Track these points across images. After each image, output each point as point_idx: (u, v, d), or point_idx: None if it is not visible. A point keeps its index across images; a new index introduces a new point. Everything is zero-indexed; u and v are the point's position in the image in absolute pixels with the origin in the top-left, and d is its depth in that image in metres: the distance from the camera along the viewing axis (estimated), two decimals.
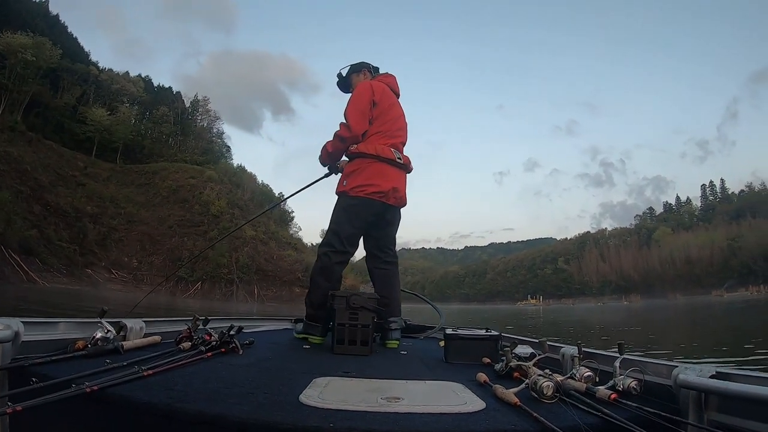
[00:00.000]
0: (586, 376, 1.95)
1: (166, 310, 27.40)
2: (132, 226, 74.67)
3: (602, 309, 77.55)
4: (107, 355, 2.07)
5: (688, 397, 1.65)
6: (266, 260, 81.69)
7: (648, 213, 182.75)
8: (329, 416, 1.44)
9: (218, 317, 3.86)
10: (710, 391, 1.57)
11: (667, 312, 43.09)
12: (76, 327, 2.31)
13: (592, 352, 2.34)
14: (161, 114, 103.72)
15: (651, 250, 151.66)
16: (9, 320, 1.81)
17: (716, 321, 29.29)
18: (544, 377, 1.81)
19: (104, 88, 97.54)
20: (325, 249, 3.92)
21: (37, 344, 1.98)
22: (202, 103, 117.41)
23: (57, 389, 1.41)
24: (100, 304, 11.30)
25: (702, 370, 1.66)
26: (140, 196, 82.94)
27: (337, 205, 4.01)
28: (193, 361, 2.20)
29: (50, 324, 2.18)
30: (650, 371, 1.93)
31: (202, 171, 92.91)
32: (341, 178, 4.04)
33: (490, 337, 3.01)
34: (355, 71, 4.44)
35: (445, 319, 5.22)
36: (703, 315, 34.71)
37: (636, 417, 1.52)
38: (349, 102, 4.00)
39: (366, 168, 3.94)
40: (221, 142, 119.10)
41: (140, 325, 2.64)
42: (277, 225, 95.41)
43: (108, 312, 2.38)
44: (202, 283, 73.28)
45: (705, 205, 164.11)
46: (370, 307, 3.30)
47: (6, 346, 1.74)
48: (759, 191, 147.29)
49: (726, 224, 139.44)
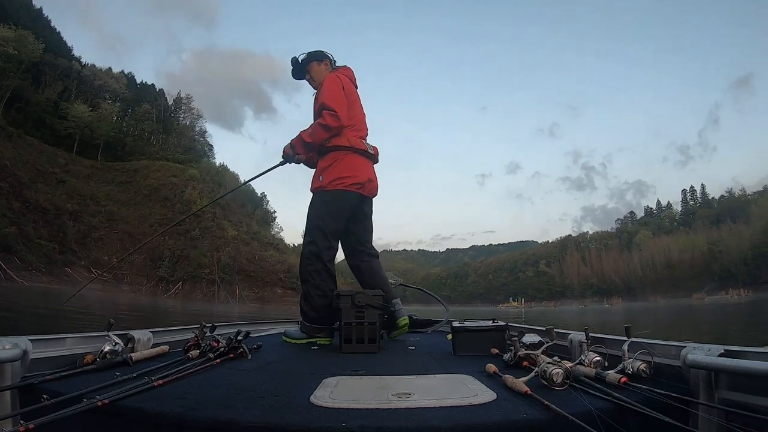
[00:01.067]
0: (594, 361, 1.99)
1: (147, 312, 27.68)
2: (113, 225, 74.43)
3: (584, 311, 77.79)
4: (116, 368, 2.13)
5: (698, 376, 1.68)
6: (248, 260, 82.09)
7: (629, 217, 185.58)
8: (341, 416, 1.44)
9: (225, 323, 3.83)
10: (720, 370, 1.59)
11: (649, 314, 43.60)
12: (84, 341, 2.32)
13: (600, 337, 2.38)
14: (144, 111, 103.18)
15: (632, 253, 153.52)
16: (17, 339, 1.82)
17: (704, 321, 29.34)
18: (553, 365, 1.84)
19: (86, 83, 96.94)
20: (312, 248, 3.87)
21: (46, 361, 2.01)
22: (185, 101, 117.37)
23: (68, 405, 1.42)
24: (80, 305, 12.28)
25: (710, 349, 1.70)
26: (121, 194, 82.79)
27: (315, 202, 3.96)
28: (202, 369, 2.23)
29: (58, 340, 2.18)
30: (659, 353, 1.97)
31: (184, 169, 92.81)
32: (315, 173, 4.00)
33: (498, 327, 3.04)
34: (315, 59, 4.32)
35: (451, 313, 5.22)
36: (690, 316, 35.02)
37: (647, 399, 1.54)
38: (327, 91, 3.94)
39: (341, 160, 3.94)
40: (204, 141, 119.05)
41: (147, 336, 2.67)
42: (259, 225, 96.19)
43: (114, 324, 2.42)
44: (183, 284, 73.34)
45: (685, 210, 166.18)
46: (375, 304, 3.34)
47: (15, 365, 1.76)
48: (739, 197, 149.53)
49: (706, 229, 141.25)
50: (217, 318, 21.66)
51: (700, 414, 1.53)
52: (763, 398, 1.43)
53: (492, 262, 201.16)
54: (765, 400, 1.43)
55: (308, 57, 4.33)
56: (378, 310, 3.34)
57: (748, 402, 1.47)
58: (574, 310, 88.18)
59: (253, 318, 23.54)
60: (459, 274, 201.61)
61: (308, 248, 3.87)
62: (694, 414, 1.53)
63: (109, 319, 2.46)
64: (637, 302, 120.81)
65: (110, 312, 19.94)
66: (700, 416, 1.53)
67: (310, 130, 3.89)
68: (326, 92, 3.93)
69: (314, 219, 3.92)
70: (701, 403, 1.55)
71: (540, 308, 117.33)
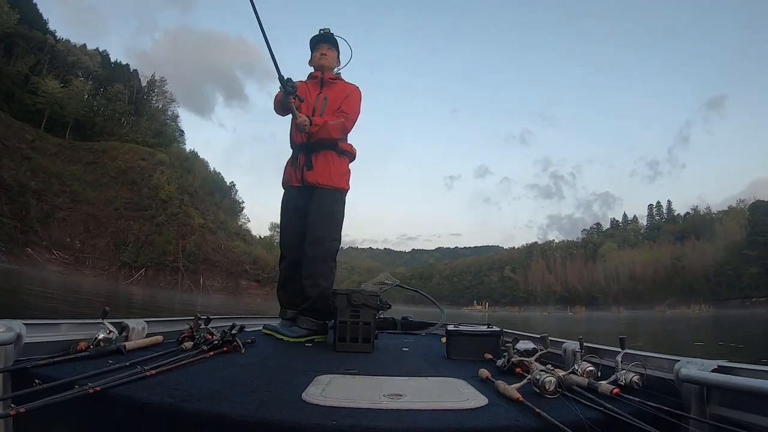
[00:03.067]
0: (588, 371, 1.99)
1: (105, 297, 27.61)
2: (77, 206, 73.63)
3: (547, 318, 79.67)
4: (110, 356, 2.11)
5: (691, 391, 1.70)
6: (214, 250, 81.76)
7: (595, 228, 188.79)
8: (332, 414, 1.45)
9: (219, 316, 3.82)
10: (712, 385, 1.60)
11: (612, 324, 44.60)
12: (78, 328, 2.30)
13: (594, 347, 2.38)
14: (116, 91, 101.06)
15: (596, 264, 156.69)
16: (11, 322, 1.82)
17: (671, 331, 30.19)
18: (546, 372, 1.85)
19: (60, 58, 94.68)
20: (337, 246, 4.00)
21: (40, 346, 2.00)
22: (159, 83, 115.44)
23: (60, 390, 1.43)
24: (39, 287, 13.53)
25: (704, 364, 1.71)
26: (87, 175, 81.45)
27: (339, 202, 4.03)
28: (195, 361, 2.23)
29: (52, 325, 2.17)
30: (652, 365, 1.98)
31: (154, 153, 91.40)
32: (340, 171, 4.03)
33: (492, 333, 3.06)
34: (339, 54, 4.35)
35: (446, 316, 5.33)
36: (652, 328, 35.25)
37: (638, 411, 1.55)
38: (357, 104, 4.11)
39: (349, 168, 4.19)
40: (175, 126, 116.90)
41: (142, 326, 2.64)
42: (226, 215, 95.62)
43: (109, 312, 2.42)
44: (146, 270, 72.94)
45: (651, 225, 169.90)
46: (371, 304, 3.35)
47: (8, 348, 1.76)
48: (704, 215, 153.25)
49: (670, 244, 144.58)
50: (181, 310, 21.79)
51: (691, 428, 1.55)
52: (755, 415, 1.46)
53: (457, 264, 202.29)
54: (756, 417, 1.45)
55: (337, 45, 4.31)
56: (374, 310, 3.38)
57: (740, 419, 1.50)
58: (538, 317, 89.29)
59: (218, 312, 23.20)
60: (424, 275, 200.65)
61: (337, 246, 4.01)
62: (685, 428, 1.56)
63: (104, 306, 2.46)
64: (599, 312, 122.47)
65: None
66: (690, 431, 1.55)
67: (338, 126, 3.89)
68: (356, 105, 4.09)
69: (341, 220, 4.05)
70: (692, 418, 1.58)
71: (504, 313, 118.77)
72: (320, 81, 4.12)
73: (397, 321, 5.37)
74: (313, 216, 3.91)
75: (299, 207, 4.04)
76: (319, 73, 4.15)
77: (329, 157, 3.95)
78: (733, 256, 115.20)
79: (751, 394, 1.43)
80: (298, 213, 4.03)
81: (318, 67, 4.17)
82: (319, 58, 4.15)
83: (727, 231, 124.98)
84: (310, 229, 3.90)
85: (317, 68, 4.17)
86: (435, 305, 5.95)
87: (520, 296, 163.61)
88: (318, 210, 3.91)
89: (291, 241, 4.07)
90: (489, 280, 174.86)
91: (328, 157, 3.95)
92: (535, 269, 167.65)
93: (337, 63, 4.28)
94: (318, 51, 4.17)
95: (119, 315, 2.74)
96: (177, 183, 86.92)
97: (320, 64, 4.14)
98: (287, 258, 4.11)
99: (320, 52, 4.15)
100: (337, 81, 4.13)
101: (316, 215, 3.90)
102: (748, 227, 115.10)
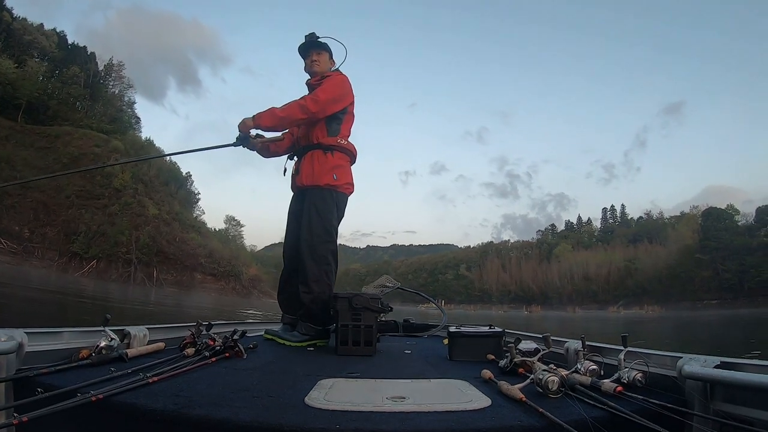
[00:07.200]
0: (590, 369, 2.02)
1: (54, 290, 27.76)
2: (26, 192, 71.35)
3: (503, 316, 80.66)
4: (112, 363, 2.13)
5: (694, 387, 1.71)
6: (168, 242, 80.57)
7: (550, 229, 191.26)
8: (335, 418, 1.47)
9: (221, 321, 3.78)
10: (716, 381, 1.62)
11: (570, 322, 46.09)
12: (80, 336, 2.31)
13: (597, 345, 2.42)
14: (72, 74, 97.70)
15: (551, 264, 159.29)
16: (12, 331, 1.82)
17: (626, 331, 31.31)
18: (548, 372, 1.86)
19: (15, 37, 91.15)
20: (333, 248, 3.91)
21: (42, 354, 2.01)
22: (117, 68, 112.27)
23: (62, 399, 1.45)
24: None
25: (706, 360, 1.73)
26: (39, 161, 77.89)
27: (328, 200, 3.92)
28: (197, 367, 2.25)
29: (54, 333, 2.17)
30: (654, 363, 2.02)
31: (108, 140, 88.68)
32: (324, 167, 3.93)
33: (494, 333, 3.09)
34: (330, 53, 4.29)
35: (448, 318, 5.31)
36: (607, 326, 36.42)
37: (642, 409, 1.57)
38: (332, 84, 3.94)
39: (347, 166, 4.08)
40: (131, 113, 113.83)
41: (144, 332, 2.65)
42: (181, 206, 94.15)
43: (110, 320, 2.43)
44: (97, 262, 71.90)
45: (605, 227, 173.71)
46: (372, 307, 3.37)
47: (10, 357, 1.76)
48: (656, 219, 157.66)
49: (624, 247, 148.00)
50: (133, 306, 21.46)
51: (695, 425, 1.59)
52: (759, 411, 1.48)
53: (413, 262, 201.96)
54: (760, 413, 1.47)
55: (326, 46, 4.25)
56: (375, 314, 3.39)
57: (743, 414, 1.53)
58: (494, 315, 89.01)
59: (173, 310, 24.00)
60: (379, 272, 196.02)
61: (330, 247, 3.89)
62: (689, 425, 1.61)
63: (106, 314, 2.47)
64: (554, 311, 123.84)
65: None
66: (694, 427, 1.59)
67: (285, 106, 3.78)
68: (331, 84, 3.94)
69: (331, 218, 3.93)
70: (696, 414, 1.61)
71: (459, 311, 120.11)
72: (310, 88, 4.14)
73: (398, 323, 5.38)
74: (303, 219, 3.90)
75: (296, 212, 4.11)
76: (311, 80, 4.19)
77: (314, 156, 3.96)
78: (686, 260, 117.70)
79: (755, 390, 1.46)
80: (296, 218, 4.08)
81: (311, 74, 4.20)
82: (310, 65, 4.20)
83: (680, 236, 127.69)
84: (301, 233, 3.89)
85: (311, 75, 4.20)
86: (438, 307, 6.24)
87: (475, 294, 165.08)
88: (306, 212, 3.90)
89: (289, 247, 4.14)
90: (444, 278, 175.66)
91: (313, 156, 3.96)
92: (490, 268, 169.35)
93: (332, 63, 4.29)
94: (308, 59, 4.21)
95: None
96: (131, 171, 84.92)
97: (312, 71, 4.18)
98: (285, 264, 4.19)
99: (310, 60, 4.19)
100: (322, 80, 4.05)
101: (306, 218, 3.89)
102: (700, 232, 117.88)
